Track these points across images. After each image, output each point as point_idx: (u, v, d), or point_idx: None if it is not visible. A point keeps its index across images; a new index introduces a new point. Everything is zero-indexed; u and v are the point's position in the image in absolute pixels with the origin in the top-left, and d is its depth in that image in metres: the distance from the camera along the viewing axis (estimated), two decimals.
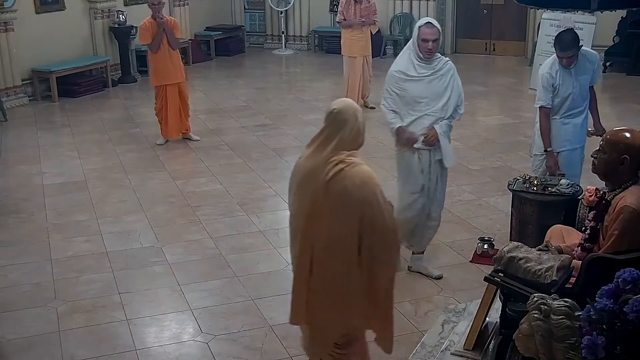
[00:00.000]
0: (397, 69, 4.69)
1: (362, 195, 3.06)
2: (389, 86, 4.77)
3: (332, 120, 3.20)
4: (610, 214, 3.37)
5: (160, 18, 7.83)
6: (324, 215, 3.10)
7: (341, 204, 3.07)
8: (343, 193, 3.06)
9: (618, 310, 2.36)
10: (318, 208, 3.11)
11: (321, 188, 3.08)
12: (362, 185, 3.08)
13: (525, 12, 12.75)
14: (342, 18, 9.67)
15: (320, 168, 3.11)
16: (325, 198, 3.09)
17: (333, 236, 3.10)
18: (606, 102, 10.06)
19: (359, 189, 3.06)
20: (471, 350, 3.63)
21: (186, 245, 5.54)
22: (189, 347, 4.17)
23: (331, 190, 3.07)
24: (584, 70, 5.08)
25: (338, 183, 3.07)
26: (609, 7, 6.01)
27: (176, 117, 8.20)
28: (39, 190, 6.82)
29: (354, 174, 3.09)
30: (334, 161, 3.10)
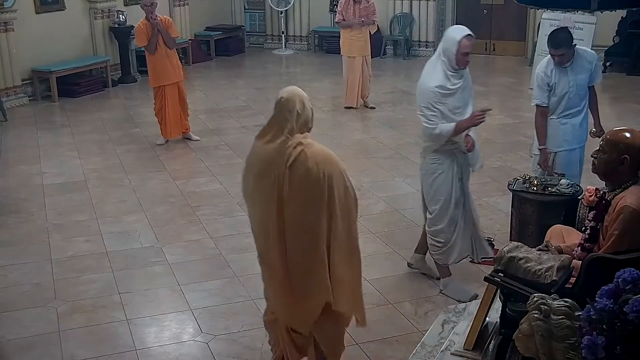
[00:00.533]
0: (436, 84, 4.39)
1: (327, 171, 3.21)
2: (430, 103, 4.40)
3: (282, 107, 3.32)
4: (610, 214, 3.37)
5: (153, 19, 7.83)
6: (291, 198, 3.22)
7: (307, 184, 3.20)
8: (307, 173, 3.19)
9: (618, 310, 2.36)
10: (285, 193, 3.22)
11: (284, 172, 3.20)
12: (325, 162, 3.23)
13: (525, 12, 12.75)
14: (341, 18, 9.67)
15: (279, 154, 3.23)
16: (291, 181, 3.21)
17: (304, 216, 3.23)
18: (606, 102, 10.07)
19: (322, 166, 3.21)
20: (471, 350, 3.62)
21: (186, 245, 5.55)
22: (189, 347, 4.17)
23: (295, 172, 3.20)
24: (581, 69, 5.08)
25: (301, 165, 3.20)
26: (609, 7, 6.01)
27: (176, 117, 8.21)
28: (39, 190, 6.82)
29: (314, 153, 3.24)
30: (292, 145, 3.23)
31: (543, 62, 5.18)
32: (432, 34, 13.88)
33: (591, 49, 5.67)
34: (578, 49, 5.14)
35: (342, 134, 8.89)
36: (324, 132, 8.76)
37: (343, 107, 9.84)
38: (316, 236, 3.25)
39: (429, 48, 13.93)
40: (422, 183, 4.69)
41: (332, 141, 8.40)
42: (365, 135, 8.67)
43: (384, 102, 10.29)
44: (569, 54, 5.02)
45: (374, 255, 5.28)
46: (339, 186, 3.24)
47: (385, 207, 6.24)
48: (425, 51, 13.93)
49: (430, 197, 4.62)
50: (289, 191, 3.22)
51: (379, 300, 4.63)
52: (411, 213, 6.07)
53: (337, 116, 9.64)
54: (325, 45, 14.69)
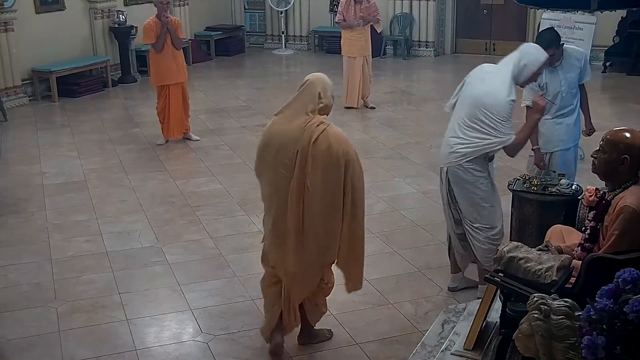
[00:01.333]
0: (512, 98, 4.27)
1: (344, 149, 3.65)
2: (506, 116, 4.25)
3: (306, 89, 3.75)
4: (610, 214, 3.37)
5: (165, 17, 7.86)
6: (314, 171, 3.61)
7: (329, 159, 3.61)
8: (328, 149, 3.61)
9: (618, 310, 2.36)
10: (307, 166, 3.61)
11: (308, 147, 3.60)
12: (343, 141, 3.69)
13: (525, 12, 12.75)
14: (342, 18, 9.67)
15: (302, 130, 3.63)
16: (313, 156, 3.61)
17: (322, 187, 3.63)
18: (606, 102, 10.08)
19: (341, 144, 3.65)
20: (471, 350, 3.62)
21: (186, 245, 5.54)
22: (189, 347, 4.17)
23: (318, 148, 3.60)
24: (570, 68, 5.10)
25: (323, 141, 3.61)
26: (609, 7, 6.03)
27: (179, 117, 8.23)
28: (39, 190, 6.82)
29: (335, 133, 3.68)
30: (314, 123, 3.64)
31: None
32: (432, 34, 13.88)
33: (591, 49, 5.68)
34: (567, 48, 5.16)
35: None
36: None
37: (343, 107, 9.84)
38: (335, 206, 3.66)
39: (429, 48, 13.94)
40: (460, 196, 4.39)
41: None
42: (365, 135, 8.67)
43: (384, 102, 10.29)
44: (558, 54, 5.03)
45: (374, 255, 5.28)
46: (354, 164, 3.67)
47: (385, 207, 6.24)
48: (425, 51, 13.94)
49: (475, 206, 4.39)
50: (312, 164, 3.61)
51: (379, 300, 4.63)
52: (411, 213, 6.07)
53: (337, 116, 9.62)
54: (325, 45, 14.69)
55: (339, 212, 3.69)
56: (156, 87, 8.22)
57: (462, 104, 4.40)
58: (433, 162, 7.43)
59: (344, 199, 3.68)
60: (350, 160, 3.66)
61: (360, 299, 4.63)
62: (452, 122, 4.48)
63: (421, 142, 8.22)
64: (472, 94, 4.35)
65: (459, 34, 14.25)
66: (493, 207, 4.45)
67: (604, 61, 12.11)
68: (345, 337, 4.21)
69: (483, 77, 4.41)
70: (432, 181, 6.86)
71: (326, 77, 3.83)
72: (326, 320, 4.38)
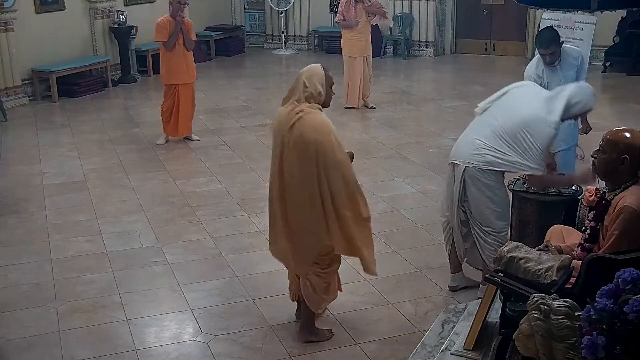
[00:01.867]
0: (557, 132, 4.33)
1: (315, 137, 3.76)
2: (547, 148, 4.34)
3: (297, 79, 3.93)
4: (610, 214, 3.37)
5: (181, 17, 7.90)
6: (289, 157, 3.84)
7: (300, 146, 3.78)
8: (300, 136, 3.77)
9: (618, 310, 2.36)
10: (285, 151, 3.84)
11: (286, 133, 3.82)
12: (316, 129, 3.78)
13: (525, 12, 12.76)
14: (342, 18, 9.66)
15: (286, 117, 3.85)
16: (289, 142, 3.82)
17: (297, 174, 3.83)
18: (606, 102, 10.08)
19: (312, 132, 3.77)
20: (471, 350, 3.63)
21: (186, 245, 5.55)
22: (189, 347, 4.17)
23: (292, 134, 3.80)
24: (568, 67, 5.13)
25: (297, 128, 3.79)
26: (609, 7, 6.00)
27: (187, 117, 8.29)
28: (39, 190, 6.82)
29: (309, 121, 3.80)
30: (295, 111, 3.83)
31: (532, 64, 5.21)
32: (432, 34, 13.88)
33: (591, 49, 5.69)
34: (564, 47, 5.19)
35: (342, 134, 8.84)
36: None
37: (343, 107, 9.84)
38: (310, 193, 3.81)
39: (429, 48, 13.94)
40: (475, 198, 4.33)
41: None
42: (365, 135, 8.67)
43: (384, 102, 10.28)
44: (558, 53, 5.05)
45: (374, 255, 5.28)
46: (326, 153, 3.76)
47: (385, 207, 6.24)
48: (425, 51, 13.94)
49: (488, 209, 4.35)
50: (287, 151, 3.83)
51: (379, 300, 4.63)
52: (411, 213, 6.07)
53: (337, 116, 9.62)
54: (325, 45, 14.69)
55: (316, 200, 3.81)
56: (165, 85, 8.24)
57: (504, 114, 4.29)
58: (433, 162, 7.44)
59: (320, 188, 3.79)
60: (321, 149, 3.74)
61: (360, 299, 4.64)
62: (480, 124, 4.39)
63: (421, 142, 8.22)
64: (520, 110, 4.25)
65: (459, 34, 14.25)
66: (504, 210, 4.43)
67: (604, 61, 12.11)
68: (345, 337, 4.21)
69: (534, 98, 4.31)
70: (432, 181, 6.87)
71: (318, 67, 3.95)
72: (326, 320, 4.38)
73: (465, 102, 9.76)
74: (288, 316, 4.43)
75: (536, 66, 5.11)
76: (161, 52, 8.21)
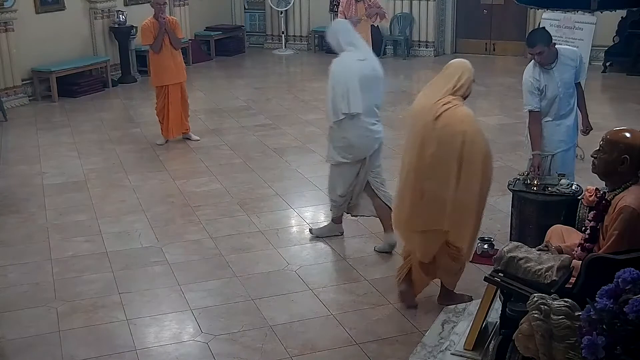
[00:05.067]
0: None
1: (462, 129, 4.03)
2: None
3: (446, 72, 4.22)
4: (610, 214, 3.37)
5: (162, 18, 7.86)
6: (431, 144, 4.07)
7: (445, 137, 4.04)
8: (446, 126, 4.03)
9: (618, 310, 2.36)
10: (428, 138, 4.08)
11: (431, 122, 4.06)
12: (465, 121, 4.07)
13: (525, 12, 12.75)
14: (343, 18, 9.65)
15: (431, 107, 4.10)
16: (433, 130, 4.05)
17: (438, 158, 4.07)
18: (606, 102, 10.08)
19: (461, 124, 4.04)
20: (471, 350, 3.63)
21: (186, 245, 5.55)
22: (189, 347, 4.17)
23: (438, 124, 4.05)
24: (565, 68, 5.10)
25: (444, 119, 4.04)
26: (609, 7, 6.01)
27: (178, 117, 8.24)
28: (39, 190, 6.82)
29: (457, 113, 4.07)
30: (442, 102, 4.07)
31: (529, 67, 5.19)
32: (432, 34, 13.87)
33: (591, 49, 5.68)
34: (560, 49, 5.15)
35: None
36: (324, 132, 8.74)
37: None
38: (446, 178, 4.05)
39: (429, 48, 13.93)
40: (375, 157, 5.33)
41: None
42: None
43: (384, 102, 10.23)
44: (549, 53, 5.01)
45: (374, 255, 5.28)
46: (472, 143, 4.03)
47: None
48: (425, 51, 13.94)
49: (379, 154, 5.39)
50: (430, 138, 4.08)
51: (379, 300, 4.63)
52: None
53: None
54: (325, 45, 14.65)
55: (448, 184, 4.05)
56: (155, 87, 8.22)
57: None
58: None
59: (460, 172, 4.04)
60: (467, 139, 4.02)
61: (360, 299, 4.64)
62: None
63: None
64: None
65: (459, 34, 14.24)
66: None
67: (604, 61, 12.10)
68: (345, 337, 4.21)
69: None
70: None
71: (468, 63, 4.24)
72: (326, 320, 4.39)
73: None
74: (288, 316, 4.44)
75: (532, 69, 5.10)
76: (149, 54, 8.19)
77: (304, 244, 5.54)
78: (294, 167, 7.40)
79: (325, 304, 4.58)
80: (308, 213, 6.18)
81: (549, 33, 5.10)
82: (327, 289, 4.80)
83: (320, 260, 5.25)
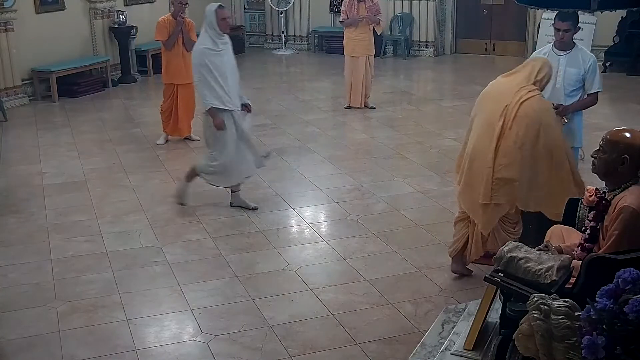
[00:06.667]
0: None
1: (540, 118, 4.47)
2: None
3: (530, 64, 4.68)
4: (610, 214, 3.37)
5: (182, 17, 7.95)
6: (512, 125, 4.45)
7: (525, 118, 4.44)
8: (528, 111, 4.44)
9: (618, 310, 2.36)
10: (509, 119, 4.47)
11: (515, 105, 4.46)
12: (543, 111, 4.51)
13: (525, 12, 12.75)
14: (345, 17, 9.66)
15: (516, 91, 4.51)
16: (516, 112, 4.45)
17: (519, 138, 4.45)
18: (606, 102, 10.06)
19: (539, 113, 4.48)
20: (471, 350, 3.63)
21: (186, 245, 5.55)
22: (189, 347, 4.17)
23: (522, 108, 4.45)
24: (574, 62, 5.09)
25: (527, 105, 4.46)
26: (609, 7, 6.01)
27: (188, 117, 8.31)
28: (39, 190, 6.82)
29: (537, 101, 4.52)
30: (527, 89, 4.50)
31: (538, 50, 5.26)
32: (432, 34, 13.88)
33: (591, 49, 5.67)
34: (578, 44, 5.15)
35: (343, 134, 8.89)
36: (324, 132, 8.77)
37: (343, 107, 9.84)
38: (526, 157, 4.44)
39: (429, 48, 13.94)
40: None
41: (332, 141, 8.41)
42: (366, 135, 8.67)
43: (384, 102, 10.28)
44: (571, 37, 5.03)
45: (374, 255, 5.28)
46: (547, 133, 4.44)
47: (385, 207, 6.24)
48: (425, 51, 13.94)
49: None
50: (512, 119, 4.45)
51: (379, 300, 4.63)
52: (411, 213, 6.07)
53: (337, 116, 9.64)
54: (325, 45, 14.69)
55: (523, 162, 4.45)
56: (164, 84, 8.27)
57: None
58: (433, 162, 7.44)
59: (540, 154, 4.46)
60: (543, 128, 4.43)
61: (360, 299, 4.64)
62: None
63: (421, 142, 8.21)
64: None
65: (459, 34, 14.24)
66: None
67: (604, 61, 12.10)
68: (345, 337, 4.21)
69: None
70: (432, 181, 6.87)
71: (547, 60, 4.73)
72: (326, 320, 4.39)
73: (465, 102, 9.74)
74: (288, 316, 4.44)
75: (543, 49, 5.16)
76: (162, 50, 8.28)
77: (304, 244, 5.54)
78: (294, 167, 7.40)
79: (325, 304, 4.58)
80: (308, 213, 6.18)
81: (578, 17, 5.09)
82: (327, 289, 4.80)
83: (320, 260, 5.25)
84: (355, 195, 6.54)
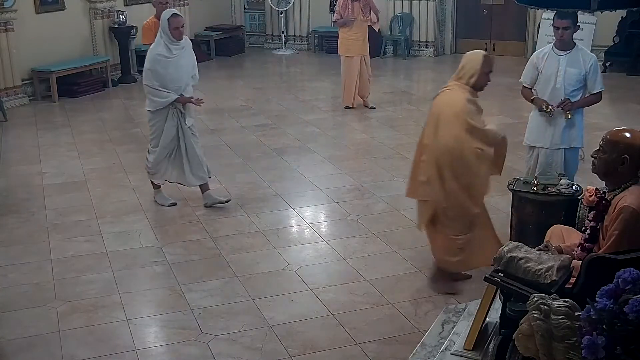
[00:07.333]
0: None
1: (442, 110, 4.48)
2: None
3: (461, 60, 4.62)
4: (610, 214, 3.37)
5: None
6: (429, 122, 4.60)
7: (432, 113, 4.57)
8: (434, 105, 4.57)
9: (618, 310, 2.36)
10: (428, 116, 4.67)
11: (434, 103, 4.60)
12: (447, 104, 4.47)
13: (525, 12, 12.75)
14: (339, 17, 9.65)
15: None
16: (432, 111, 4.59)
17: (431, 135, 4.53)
18: (606, 102, 10.00)
19: (441, 106, 4.50)
20: (471, 350, 3.63)
21: (186, 245, 5.55)
22: (188, 347, 4.17)
23: (434, 105, 4.58)
24: (574, 62, 5.09)
25: (437, 99, 4.57)
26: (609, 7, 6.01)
27: None
28: (39, 190, 6.82)
29: (446, 95, 4.51)
30: (445, 87, 4.58)
31: (540, 50, 5.28)
32: (432, 34, 13.87)
33: (591, 49, 5.67)
34: (579, 45, 5.15)
35: (343, 134, 8.89)
36: (324, 132, 8.77)
37: (343, 107, 9.84)
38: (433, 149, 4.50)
39: (429, 48, 13.93)
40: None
41: (332, 141, 8.41)
42: (365, 135, 8.67)
43: (384, 102, 10.28)
44: (571, 35, 5.03)
45: (374, 255, 5.28)
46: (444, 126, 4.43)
47: (385, 207, 6.24)
48: (425, 51, 13.94)
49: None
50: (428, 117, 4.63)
51: (379, 300, 4.63)
52: (411, 213, 6.05)
53: (337, 116, 9.64)
54: (325, 45, 14.68)
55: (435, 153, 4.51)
56: None
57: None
58: None
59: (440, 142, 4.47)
60: (440, 120, 4.45)
61: (360, 299, 4.64)
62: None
63: None
64: None
65: (459, 34, 14.24)
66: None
67: (604, 61, 12.10)
68: (345, 337, 4.21)
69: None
70: None
71: (478, 53, 4.60)
72: (326, 320, 4.39)
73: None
74: (288, 316, 4.44)
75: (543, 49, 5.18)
76: None
77: (304, 244, 5.54)
78: (294, 167, 7.40)
79: (325, 304, 4.58)
80: (308, 213, 6.18)
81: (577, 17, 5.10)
82: (327, 289, 4.80)
83: (320, 260, 5.25)
84: (355, 195, 6.54)
